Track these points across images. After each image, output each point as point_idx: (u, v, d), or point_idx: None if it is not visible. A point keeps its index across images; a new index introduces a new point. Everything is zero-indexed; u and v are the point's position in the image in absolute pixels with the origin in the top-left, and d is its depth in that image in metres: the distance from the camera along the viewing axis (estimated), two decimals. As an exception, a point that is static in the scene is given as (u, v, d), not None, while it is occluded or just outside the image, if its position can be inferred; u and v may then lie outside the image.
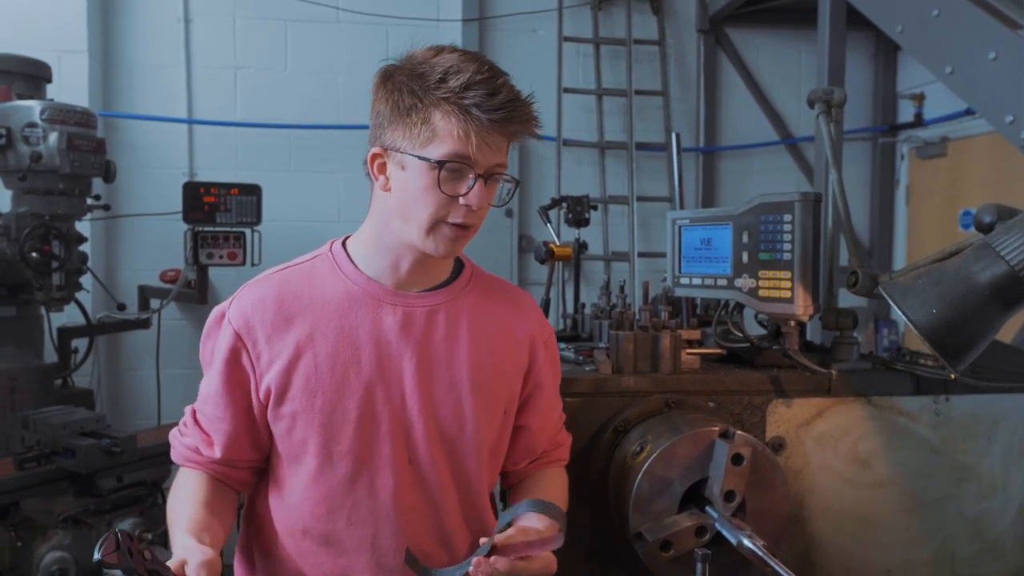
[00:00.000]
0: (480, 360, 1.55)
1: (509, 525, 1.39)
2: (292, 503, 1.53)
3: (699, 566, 1.36)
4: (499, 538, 1.34)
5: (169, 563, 1.26)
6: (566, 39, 5.17)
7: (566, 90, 5.14)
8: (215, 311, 1.54)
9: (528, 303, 1.69)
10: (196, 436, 1.55)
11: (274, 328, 1.48)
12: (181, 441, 1.58)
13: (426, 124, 1.38)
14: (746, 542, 1.51)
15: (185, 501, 1.49)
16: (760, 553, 1.48)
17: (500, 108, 1.37)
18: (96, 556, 1.19)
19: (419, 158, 1.39)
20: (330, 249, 1.57)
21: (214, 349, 1.52)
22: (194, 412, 1.58)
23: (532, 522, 1.41)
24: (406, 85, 1.40)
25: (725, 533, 1.57)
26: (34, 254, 3.50)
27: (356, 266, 1.53)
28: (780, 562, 1.45)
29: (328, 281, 1.52)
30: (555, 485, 1.69)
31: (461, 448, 1.54)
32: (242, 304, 1.50)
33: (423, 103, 1.38)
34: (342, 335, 1.48)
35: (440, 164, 1.37)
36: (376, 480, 1.49)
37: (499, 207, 1.51)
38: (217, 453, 1.53)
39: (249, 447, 1.54)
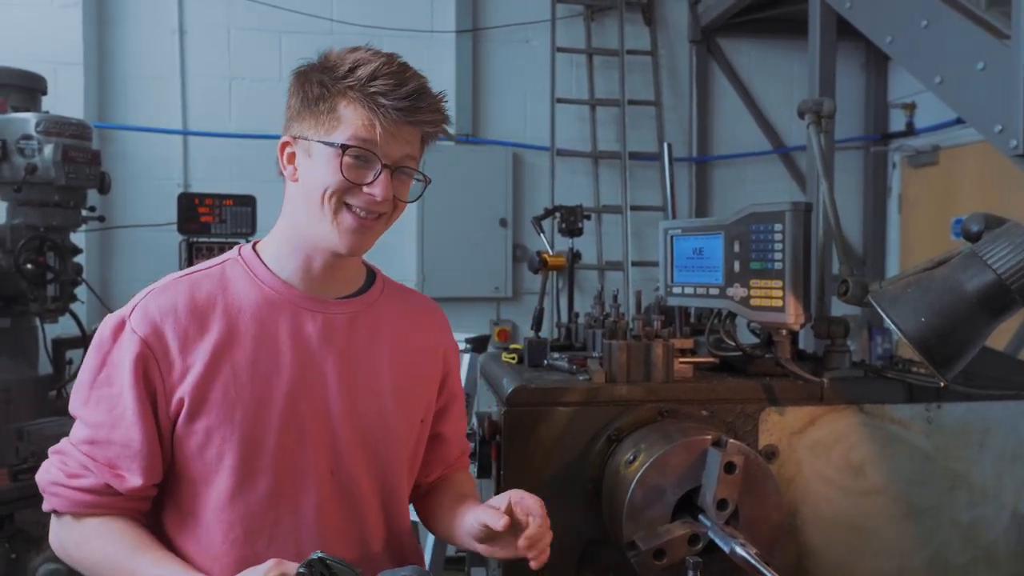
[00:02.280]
0: (400, 368, 1.53)
1: None
2: (199, 531, 1.40)
3: (690, 574, 1.37)
4: None
5: None
6: (559, 50, 5.20)
7: (559, 100, 5.17)
8: (111, 320, 1.40)
9: (438, 313, 1.69)
10: (99, 473, 1.35)
11: (187, 336, 1.37)
12: (74, 485, 1.36)
13: (332, 112, 1.38)
14: (739, 550, 1.51)
15: (137, 551, 1.33)
16: (753, 561, 1.48)
17: (406, 97, 1.36)
18: None
19: (325, 144, 1.38)
20: (239, 253, 1.50)
21: (108, 362, 1.37)
22: (80, 448, 1.37)
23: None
24: (316, 77, 1.40)
25: (718, 541, 1.57)
26: (29, 265, 3.51)
27: (269, 269, 1.47)
28: (773, 570, 1.45)
29: (242, 287, 1.44)
30: (471, 486, 1.71)
31: (384, 458, 1.51)
32: (148, 311, 1.37)
33: (330, 92, 1.38)
34: (261, 342, 1.40)
35: (344, 148, 1.36)
36: (299, 495, 1.42)
37: (412, 202, 1.47)
38: (137, 481, 1.35)
39: (162, 467, 1.39)
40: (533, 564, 1.38)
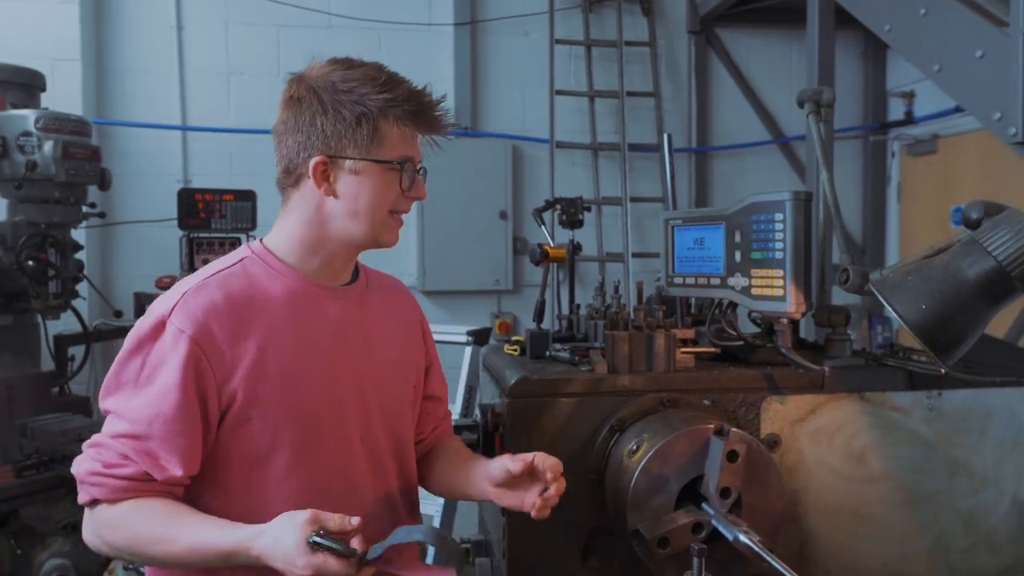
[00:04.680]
0: (398, 339, 1.72)
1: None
2: (252, 510, 1.43)
3: (695, 561, 1.38)
4: None
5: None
6: (557, 41, 5.19)
7: (558, 92, 5.16)
8: (149, 320, 1.44)
9: (404, 286, 1.88)
10: (140, 461, 1.39)
11: (231, 331, 1.44)
12: (113, 474, 1.40)
13: (376, 132, 1.51)
14: (742, 538, 1.52)
15: (175, 518, 1.39)
16: (756, 548, 1.49)
17: (442, 113, 1.57)
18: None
19: (376, 161, 1.51)
20: (252, 252, 1.58)
21: (151, 362, 1.42)
22: (119, 441, 1.40)
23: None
24: (346, 96, 1.49)
25: (721, 529, 1.58)
26: (30, 262, 3.52)
27: (285, 264, 1.57)
28: (776, 557, 1.46)
29: (268, 281, 1.54)
30: (466, 449, 1.83)
31: (396, 422, 1.68)
32: (191, 310, 1.43)
33: (371, 112, 1.50)
34: (299, 329, 1.53)
35: (401, 164, 1.53)
36: (343, 462, 1.56)
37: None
38: (178, 471, 1.40)
39: (200, 459, 1.45)
40: (534, 514, 1.53)
